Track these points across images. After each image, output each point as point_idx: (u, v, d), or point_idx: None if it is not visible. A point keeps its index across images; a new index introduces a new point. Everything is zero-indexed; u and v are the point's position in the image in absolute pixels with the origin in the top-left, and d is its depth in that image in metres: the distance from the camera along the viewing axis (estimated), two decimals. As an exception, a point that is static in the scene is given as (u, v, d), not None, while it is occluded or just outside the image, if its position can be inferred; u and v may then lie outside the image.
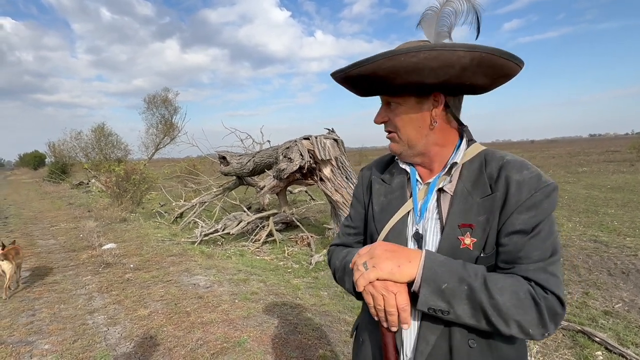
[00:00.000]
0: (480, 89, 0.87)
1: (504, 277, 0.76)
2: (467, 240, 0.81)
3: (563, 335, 2.91)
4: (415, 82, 0.80)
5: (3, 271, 3.90)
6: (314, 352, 2.77)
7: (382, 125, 0.95)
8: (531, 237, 0.77)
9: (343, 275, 0.97)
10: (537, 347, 2.75)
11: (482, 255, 0.81)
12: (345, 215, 5.13)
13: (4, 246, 4.02)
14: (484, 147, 0.90)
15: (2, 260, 3.87)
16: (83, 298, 3.95)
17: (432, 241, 0.86)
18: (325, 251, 5.41)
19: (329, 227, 6.08)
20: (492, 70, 0.78)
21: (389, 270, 0.78)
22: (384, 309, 0.80)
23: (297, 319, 3.31)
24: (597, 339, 2.75)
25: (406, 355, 0.87)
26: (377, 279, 0.78)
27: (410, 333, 0.87)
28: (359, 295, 0.89)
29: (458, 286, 0.75)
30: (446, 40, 0.86)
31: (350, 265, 0.86)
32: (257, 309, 3.53)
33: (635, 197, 8.35)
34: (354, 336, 1.09)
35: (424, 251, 0.80)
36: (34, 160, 44.86)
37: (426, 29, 0.89)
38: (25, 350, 2.88)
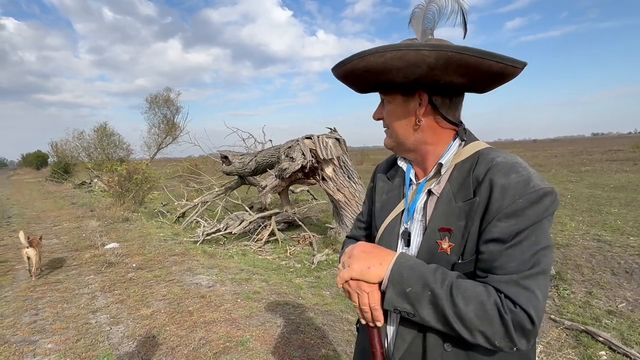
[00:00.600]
0: (471, 89, 0.85)
1: (474, 286, 0.74)
2: (445, 245, 0.80)
3: (567, 335, 2.90)
4: (385, 81, 0.82)
5: (29, 257, 4.56)
6: (316, 351, 2.77)
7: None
8: (509, 247, 0.73)
9: None
10: (540, 346, 2.74)
11: (459, 261, 0.80)
12: (347, 214, 5.11)
13: (28, 237, 4.77)
14: (484, 147, 0.86)
15: (28, 247, 4.54)
16: (86, 297, 3.96)
17: (415, 242, 0.88)
18: (327, 250, 5.42)
19: (331, 226, 6.07)
20: (466, 69, 0.76)
21: (359, 271, 0.83)
22: (360, 307, 0.85)
23: (299, 319, 3.30)
24: (601, 339, 2.74)
25: (390, 350, 0.90)
26: (351, 278, 0.84)
27: (391, 329, 0.90)
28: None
29: (421, 291, 0.76)
30: (430, 38, 0.87)
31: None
32: (260, 309, 3.53)
33: (638, 196, 8.31)
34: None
35: (397, 254, 0.83)
36: (37, 160, 45.00)
37: (415, 27, 0.89)
38: (28, 350, 2.89)
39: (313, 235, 5.96)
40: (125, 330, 3.19)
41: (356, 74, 0.83)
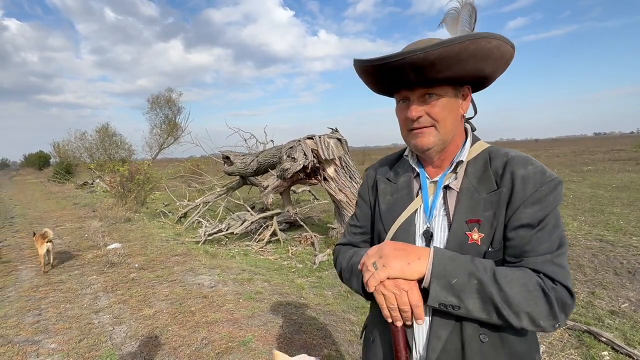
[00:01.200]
0: (490, 80, 0.91)
1: (512, 270, 0.78)
2: (475, 236, 0.82)
3: (569, 335, 2.89)
4: (468, 69, 0.80)
5: (49, 250, 5.00)
6: (318, 351, 2.77)
7: (410, 121, 0.88)
8: (538, 231, 0.79)
9: (350, 276, 0.97)
10: (543, 346, 2.74)
11: (489, 249, 0.82)
12: (349, 214, 5.11)
13: (34, 234, 5.28)
14: (487, 145, 0.92)
15: (49, 242, 4.97)
16: (88, 297, 3.97)
17: (439, 238, 0.87)
18: (329, 251, 5.41)
19: (332, 226, 6.07)
20: (500, 57, 0.82)
21: (399, 269, 0.78)
22: (397, 307, 0.80)
23: (301, 319, 3.31)
24: (604, 339, 2.74)
25: (418, 352, 0.87)
26: (388, 278, 0.79)
27: (421, 330, 0.87)
28: (368, 296, 0.89)
29: (468, 281, 0.76)
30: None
31: (359, 267, 0.87)
32: (262, 309, 3.54)
33: (641, 196, 8.29)
34: (363, 336, 1.09)
35: (432, 248, 0.81)
36: (39, 161, 45.12)
37: (451, 27, 0.91)
38: (31, 350, 2.90)
39: (315, 236, 5.97)
40: (127, 330, 3.19)
41: (460, 56, 0.76)
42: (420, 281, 0.80)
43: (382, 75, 0.85)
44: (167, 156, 24.96)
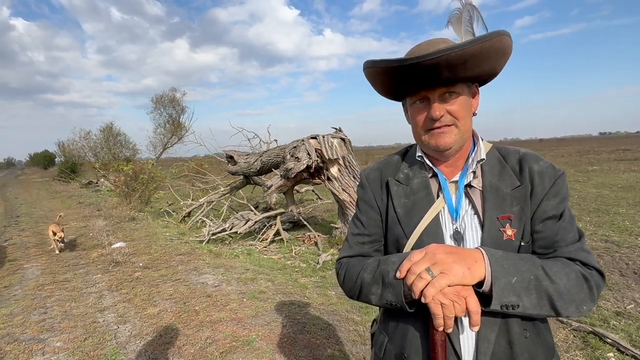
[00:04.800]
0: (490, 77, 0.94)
1: (554, 262, 0.80)
2: (509, 232, 0.83)
3: (574, 336, 2.88)
4: (484, 68, 0.83)
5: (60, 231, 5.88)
6: (322, 351, 2.77)
7: (422, 122, 0.88)
8: (562, 221, 0.84)
9: (373, 287, 0.88)
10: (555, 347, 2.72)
11: (522, 244, 0.84)
12: (352, 214, 5.09)
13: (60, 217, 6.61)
14: (490, 143, 0.95)
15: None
16: (93, 296, 3.99)
17: (472, 238, 0.85)
18: (332, 250, 5.41)
19: (336, 226, 6.07)
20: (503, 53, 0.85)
21: (461, 275, 0.74)
22: (455, 316, 0.75)
23: (305, 318, 3.31)
24: (609, 340, 2.72)
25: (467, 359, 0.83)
26: (448, 285, 0.74)
27: (466, 335, 0.83)
28: (410, 306, 0.82)
29: (526, 277, 0.76)
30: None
31: (399, 275, 0.80)
32: (266, 308, 3.54)
33: (647, 197, 8.22)
34: (373, 334, 1.06)
35: (482, 249, 0.78)
36: (44, 160, 45.43)
37: (456, 27, 0.93)
38: (37, 348, 2.93)
39: (318, 235, 5.97)
40: (132, 329, 3.21)
41: (489, 53, 0.78)
42: (475, 285, 0.76)
43: (409, 75, 0.82)
44: (171, 155, 25.07)
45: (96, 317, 3.47)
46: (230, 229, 6.40)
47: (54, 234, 5.78)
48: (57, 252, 5.81)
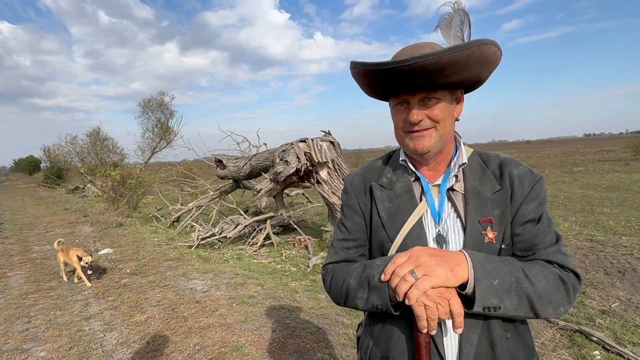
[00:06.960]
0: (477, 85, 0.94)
1: (532, 264, 0.81)
2: (490, 234, 0.84)
3: (561, 335, 2.91)
4: (466, 75, 0.82)
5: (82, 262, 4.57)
6: (312, 355, 2.76)
7: (406, 125, 0.89)
8: (541, 224, 0.86)
9: (358, 292, 0.88)
10: (535, 347, 2.75)
11: (503, 247, 0.85)
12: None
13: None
14: (471, 149, 0.96)
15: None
16: (79, 304, 3.91)
17: (454, 241, 0.86)
18: (323, 254, 5.40)
19: (326, 229, 6.07)
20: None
21: (444, 277, 0.75)
22: (440, 317, 0.76)
23: (295, 323, 3.29)
24: (595, 339, 2.76)
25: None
26: (432, 287, 0.75)
27: (450, 338, 0.84)
28: (395, 309, 0.83)
29: (507, 280, 0.77)
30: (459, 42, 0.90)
31: (384, 278, 0.81)
32: (255, 313, 3.51)
33: (630, 196, 8.40)
34: (359, 337, 1.06)
35: (465, 251, 0.79)
36: (29, 166, 44.50)
37: (445, 31, 0.93)
38: (20, 358, 2.85)
39: (308, 239, 5.96)
40: (119, 337, 3.15)
41: (467, 62, 0.78)
42: (458, 287, 0.77)
43: (386, 78, 0.83)
44: (160, 160, 24.78)
45: (82, 325, 3.40)
46: (220, 234, 6.35)
47: (80, 259, 4.46)
48: (88, 284, 4.48)
